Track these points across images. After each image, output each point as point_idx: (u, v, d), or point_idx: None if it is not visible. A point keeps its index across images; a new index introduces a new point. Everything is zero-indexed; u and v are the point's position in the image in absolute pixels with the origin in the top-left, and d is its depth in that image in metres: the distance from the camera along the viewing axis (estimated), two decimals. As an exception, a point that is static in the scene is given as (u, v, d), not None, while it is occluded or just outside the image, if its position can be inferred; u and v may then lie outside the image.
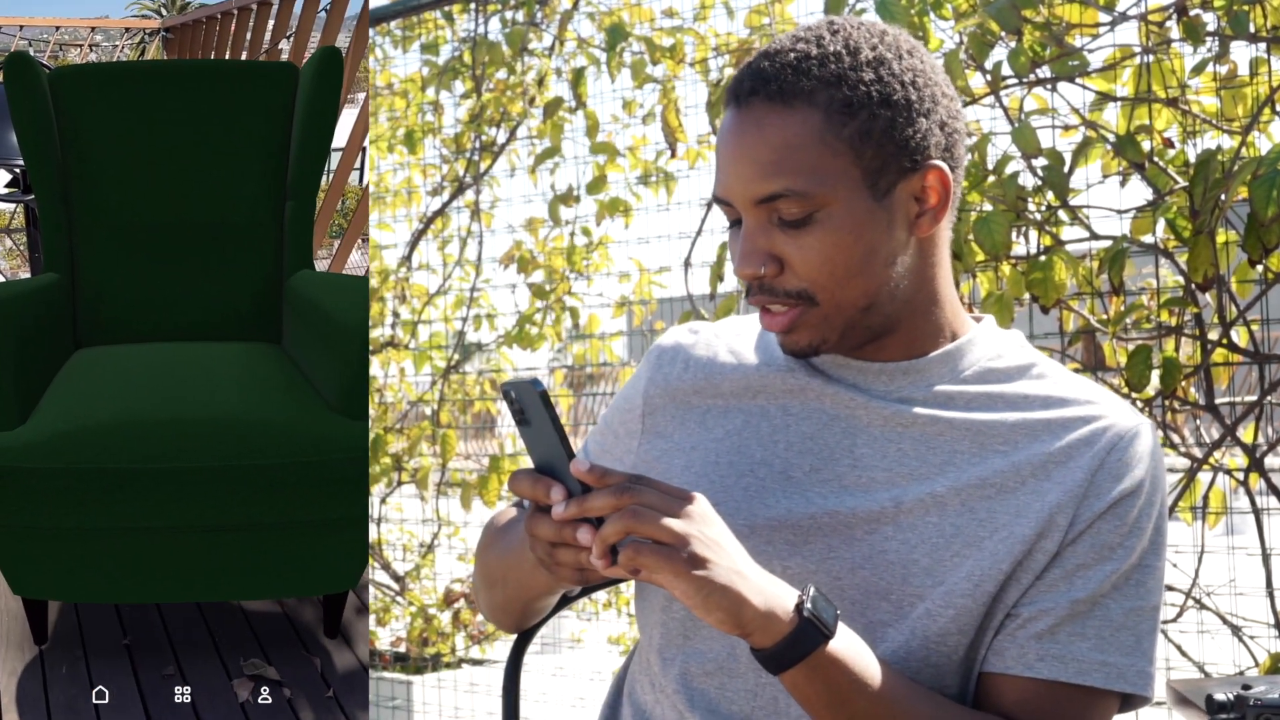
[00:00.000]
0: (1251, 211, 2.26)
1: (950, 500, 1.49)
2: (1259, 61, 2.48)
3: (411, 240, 4.14)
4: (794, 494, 1.54)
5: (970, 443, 1.51)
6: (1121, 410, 1.52)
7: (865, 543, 1.50)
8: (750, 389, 1.61)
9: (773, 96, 1.46)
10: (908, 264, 1.49)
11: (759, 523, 1.53)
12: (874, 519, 1.50)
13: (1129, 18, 2.52)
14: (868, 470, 1.52)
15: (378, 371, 4.25)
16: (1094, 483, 1.48)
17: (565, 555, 1.38)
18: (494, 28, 3.81)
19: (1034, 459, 1.49)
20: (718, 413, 1.63)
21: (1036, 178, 2.57)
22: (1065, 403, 1.52)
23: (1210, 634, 2.72)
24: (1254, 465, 2.52)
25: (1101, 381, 2.70)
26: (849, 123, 1.46)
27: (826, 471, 1.54)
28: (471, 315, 4.05)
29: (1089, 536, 1.47)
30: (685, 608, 1.52)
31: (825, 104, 1.46)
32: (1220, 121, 2.53)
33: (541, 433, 1.34)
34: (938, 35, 2.65)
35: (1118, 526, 1.48)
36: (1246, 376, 2.66)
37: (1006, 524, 1.47)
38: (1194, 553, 2.67)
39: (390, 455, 4.08)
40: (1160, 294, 2.63)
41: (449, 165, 4.03)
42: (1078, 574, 1.47)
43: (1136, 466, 1.49)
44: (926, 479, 1.50)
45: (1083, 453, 1.48)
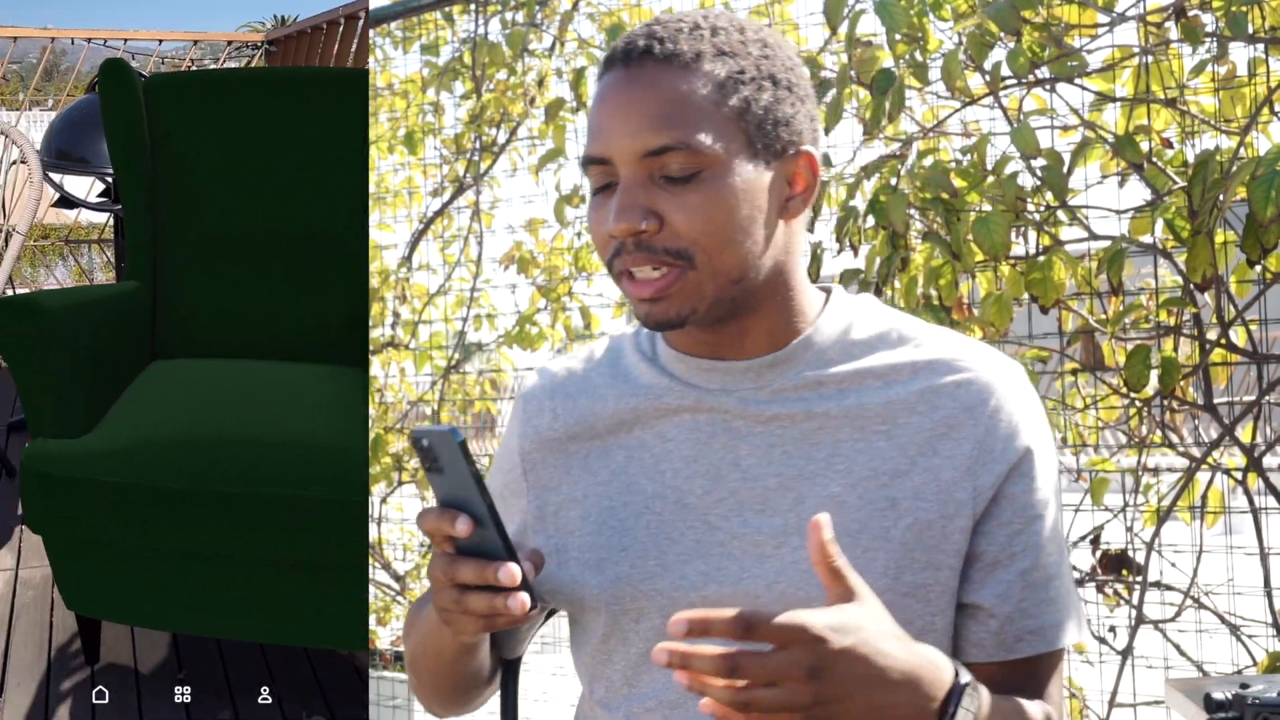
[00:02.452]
0: (1250, 212, 2.27)
1: (848, 497, 1.47)
2: (1257, 62, 2.48)
3: (412, 240, 4.14)
4: (694, 522, 1.52)
5: (850, 430, 1.49)
6: (988, 362, 1.51)
7: (776, 557, 1.48)
8: (624, 423, 1.58)
9: (668, 56, 1.45)
10: (776, 244, 1.48)
11: (670, 559, 1.52)
12: (780, 533, 1.48)
13: (1128, 19, 2.53)
14: (759, 480, 1.50)
15: (378, 371, 4.25)
16: (984, 449, 1.47)
17: (477, 602, 1.34)
18: (494, 28, 3.82)
19: (917, 436, 1.48)
20: (598, 454, 1.59)
21: (1035, 178, 2.57)
22: (933, 367, 1.50)
23: (1208, 633, 2.72)
24: (1252, 465, 2.52)
25: (1100, 382, 2.71)
26: (739, 90, 1.46)
27: (720, 490, 1.51)
28: (472, 315, 4.05)
29: (1005, 503, 1.48)
30: (628, 660, 1.54)
31: (717, 69, 1.46)
32: (1219, 122, 2.54)
33: (455, 483, 1.31)
34: (937, 36, 2.66)
35: (1028, 485, 1.48)
36: (1245, 376, 2.67)
37: (909, 509, 1.46)
38: (1192, 552, 2.67)
39: (391, 455, 4.09)
40: (1159, 294, 2.64)
41: (449, 166, 4.03)
42: (1015, 543, 1.48)
43: (1021, 419, 1.49)
44: (819, 478, 1.48)
45: (963, 421, 1.48)
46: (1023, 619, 1.48)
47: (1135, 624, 2.65)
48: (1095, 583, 2.75)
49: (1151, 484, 2.73)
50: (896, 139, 2.81)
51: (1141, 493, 2.71)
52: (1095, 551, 2.76)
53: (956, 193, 2.60)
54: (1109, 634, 2.77)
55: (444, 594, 1.36)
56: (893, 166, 2.69)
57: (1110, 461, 2.74)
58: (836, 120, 2.68)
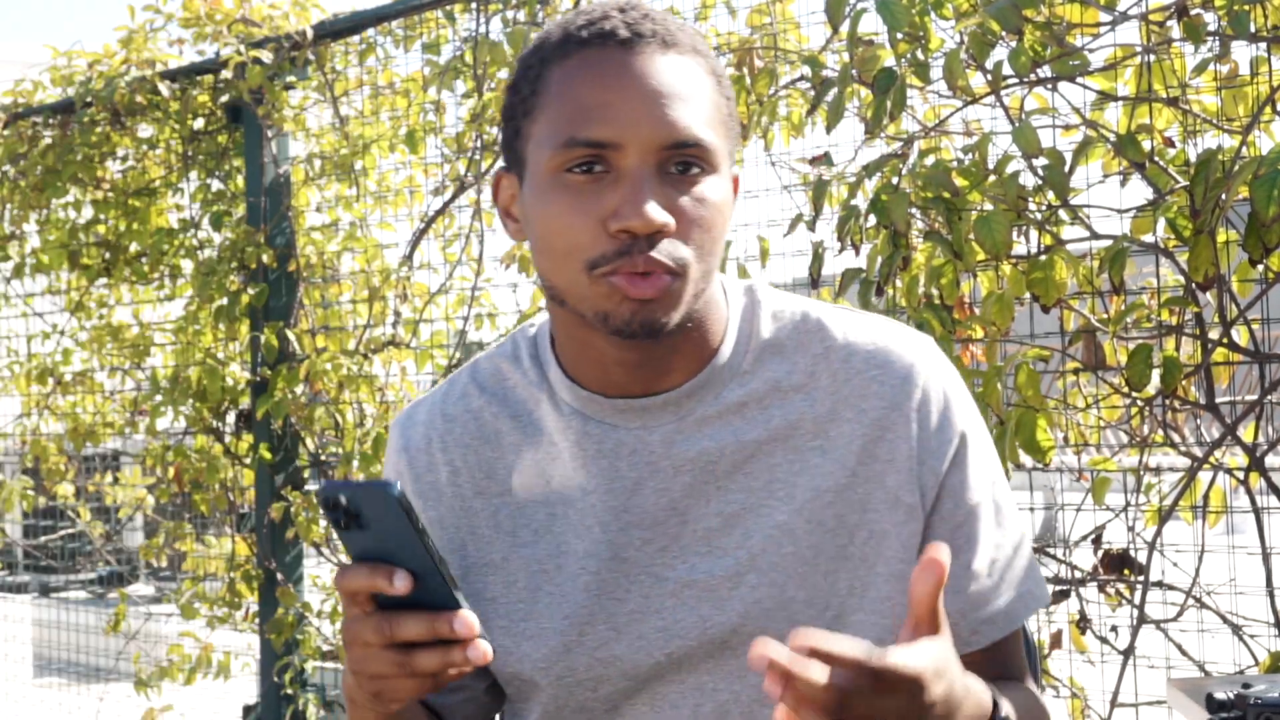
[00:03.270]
0: (1252, 211, 2.27)
1: (795, 524, 1.40)
2: (1260, 61, 2.48)
3: (413, 239, 4.14)
4: (639, 576, 1.42)
5: (784, 453, 1.42)
6: (900, 344, 1.45)
7: (735, 599, 1.40)
8: (540, 476, 1.45)
9: (667, 45, 1.36)
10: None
11: (620, 621, 1.42)
12: (733, 573, 1.40)
13: (1130, 17, 2.53)
14: (699, 522, 1.41)
15: (379, 370, 4.25)
16: (921, 445, 1.42)
17: (428, 660, 1.19)
18: (495, 27, 3.81)
19: (852, 446, 1.41)
20: (511, 512, 1.46)
21: (1037, 177, 2.57)
22: (850, 366, 1.43)
23: (1210, 633, 2.72)
24: (1254, 464, 2.52)
25: (1102, 381, 2.71)
26: (720, 91, 1.39)
27: (659, 539, 1.42)
28: (473, 314, 4.05)
29: (947, 498, 1.42)
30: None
31: (706, 68, 1.39)
32: (1221, 121, 2.53)
33: (385, 537, 1.16)
34: (938, 35, 2.65)
35: (963, 475, 1.43)
36: (1247, 376, 2.66)
37: (859, 522, 1.41)
38: (1194, 552, 2.67)
39: (392, 454, 4.08)
40: (1161, 293, 2.63)
41: (451, 165, 4.03)
42: (957, 536, 1.42)
43: (947, 404, 1.44)
44: (762, 509, 1.41)
45: (894, 419, 1.41)
46: (973, 611, 1.44)
47: (1137, 624, 2.64)
48: (1097, 582, 2.75)
49: (1153, 483, 2.73)
50: (898, 138, 2.81)
51: (1143, 492, 2.71)
52: (1097, 551, 2.76)
53: (958, 192, 2.60)
54: (1111, 634, 2.77)
55: (377, 658, 1.20)
56: (894, 165, 2.69)
57: (1112, 461, 2.74)
58: (838, 119, 2.68)
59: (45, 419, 5.27)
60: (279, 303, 4.34)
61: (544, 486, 1.45)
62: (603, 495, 1.43)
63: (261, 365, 4.31)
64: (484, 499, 1.47)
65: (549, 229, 1.36)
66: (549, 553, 1.44)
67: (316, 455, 4.37)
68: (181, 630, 4.75)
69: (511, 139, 1.43)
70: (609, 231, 1.33)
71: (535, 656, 1.43)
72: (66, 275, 5.10)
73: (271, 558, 4.33)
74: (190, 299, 4.62)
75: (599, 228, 1.33)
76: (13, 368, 5.30)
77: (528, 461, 1.46)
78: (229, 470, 4.56)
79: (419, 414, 1.53)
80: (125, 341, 4.95)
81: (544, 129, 1.37)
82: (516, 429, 1.47)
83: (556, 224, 1.35)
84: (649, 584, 1.42)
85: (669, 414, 1.42)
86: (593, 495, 1.43)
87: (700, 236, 1.34)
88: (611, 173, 1.34)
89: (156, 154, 4.77)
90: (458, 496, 1.48)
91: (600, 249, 1.33)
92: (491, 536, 1.46)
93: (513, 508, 1.46)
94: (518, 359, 1.50)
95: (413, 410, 1.54)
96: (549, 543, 1.44)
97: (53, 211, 4.98)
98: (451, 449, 1.49)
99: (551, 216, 1.35)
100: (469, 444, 1.48)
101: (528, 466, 1.46)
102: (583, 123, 1.33)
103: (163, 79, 4.50)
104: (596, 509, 1.43)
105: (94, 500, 5.72)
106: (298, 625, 4.31)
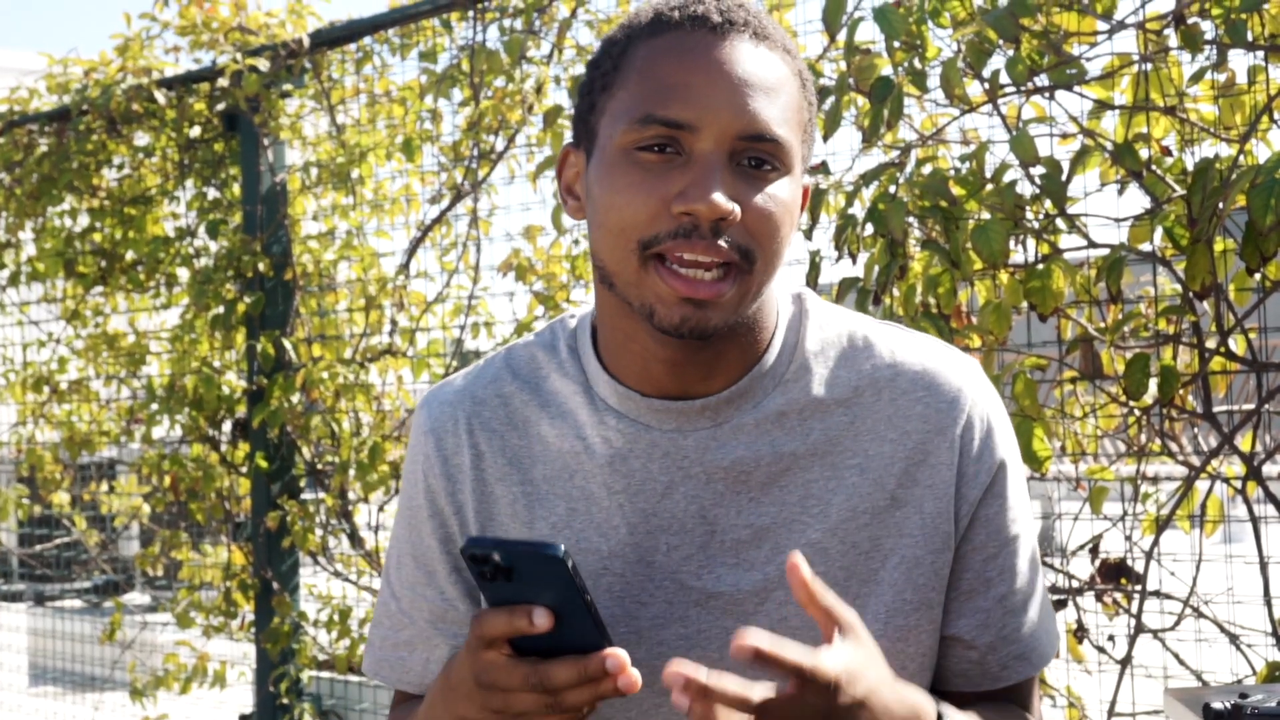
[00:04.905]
0: (1249, 220, 2.26)
1: (830, 543, 1.37)
2: (1257, 69, 2.48)
3: (410, 247, 4.14)
4: (664, 582, 1.39)
5: (821, 468, 1.38)
6: (949, 367, 1.42)
7: (761, 615, 1.37)
8: (566, 470, 1.41)
9: (759, 37, 1.33)
10: None
11: (643, 625, 1.39)
12: (760, 588, 1.38)
13: (1127, 26, 2.53)
14: (728, 532, 1.38)
15: (375, 379, 4.25)
16: (961, 474, 1.39)
17: (579, 695, 1.19)
18: (492, 35, 3.82)
19: (892, 468, 1.38)
20: (530, 502, 1.42)
21: (1034, 186, 2.57)
22: (895, 386, 1.40)
23: (1208, 642, 2.72)
24: (1251, 474, 2.52)
25: (1100, 390, 2.70)
26: (804, 95, 1.37)
27: (686, 546, 1.38)
28: (470, 323, 4.05)
29: (981, 528, 1.40)
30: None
31: (794, 69, 1.36)
32: (1218, 129, 2.53)
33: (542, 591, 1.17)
34: (935, 43, 2.65)
35: (1001, 505, 1.41)
36: (1244, 385, 2.66)
37: (893, 547, 1.38)
38: (1192, 561, 2.67)
39: (388, 463, 4.08)
40: (1158, 302, 2.63)
41: (447, 173, 4.03)
42: (990, 568, 1.41)
43: (990, 432, 1.41)
44: (795, 525, 1.37)
45: (938, 444, 1.38)
46: (1005, 646, 1.42)
47: (1134, 633, 2.64)
48: (1094, 591, 2.75)
49: (1150, 493, 2.73)
50: (895, 146, 2.81)
51: (1140, 501, 2.71)
52: (1094, 560, 2.76)
53: (955, 200, 2.60)
54: (1108, 643, 2.77)
55: (522, 700, 1.20)
56: (891, 174, 2.69)
57: (1109, 470, 2.74)
58: (835, 128, 2.68)
59: (41, 427, 5.26)
60: (275, 311, 4.34)
61: (567, 481, 1.42)
62: (631, 496, 1.39)
63: (258, 374, 4.30)
64: (504, 485, 1.43)
65: (610, 204, 1.32)
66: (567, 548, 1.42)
67: (313, 464, 4.36)
68: (177, 639, 4.75)
69: (585, 113, 1.39)
70: (671, 212, 1.29)
71: None
72: (62, 283, 5.10)
73: (267, 567, 4.33)
74: (186, 307, 4.61)
75: (661, 207, 1.29)
76: (8, 376, 5.30)
77: (554, 453, 1.42)
78: (225, 479, 4.56)
79: (446, 393, 1.49)
80: (121, 350, 4.95)
81: (621, 104, 1.33)
82: (545, 418, 1.43)
83: (619, 199, 1.31)
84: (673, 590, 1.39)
85: (706, 419, 1.39)
86: (620, 495, 1.40)
87: (765, 233, 1.30)
88: (683, 155, 1.30)
89: (152, 162, 4.77)
90: (479, 480, 1.44)
91: (659, 228, 1.29)
92: (508, 525, 1.43)
93: (532, 499, 1.43)
94: (554, 349, 1.47)
95: (440, 389, 1.50)
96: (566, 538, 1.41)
97: (48, 219, 4.98)
98: (477, 432, 1.45)
99: (615, 192, 1.31)
100: (495, 429, 1.45)
101: (553, 458, 1.42)
102: (661, 101, 1.30)
103: (159, 87, 4.50)
104: (624, 509, 1.39)
105: (89, 509, 5.71)
106: (293, 634, 4.31)
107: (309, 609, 4.43)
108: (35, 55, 5.15)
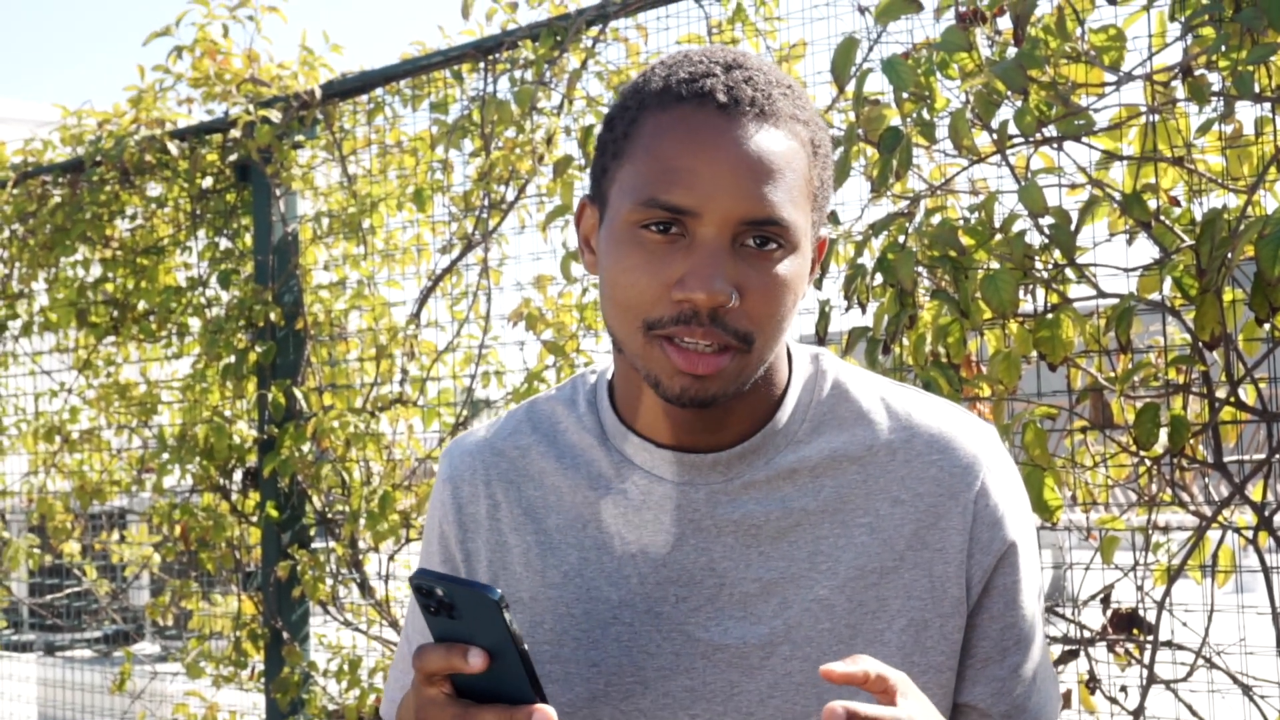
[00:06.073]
0: (1258, 270, 2.27)
1: (836, 600, 1.38)
2: (1264, 121, 2.49)
3: (420, 297, 4.15)
4: (671, 633, 1.40)
5: (831, 524, 1.39)
6: (962, 431, 1.42)
7: (766, 669, 1.38)
8: (579, 520, 1.44)
9: (764, 116, 1.33)
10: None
11: (649, 675, 1.39)
12: (766, 642, 1.38)
13: (1134, 78, 2.54)
14: (737, 585, 1.39)
15: (386, 428, 4.25)
16: (974, 539, 1.39)
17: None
18: (503, 86, 3.83)
19: (903, 529, 1.38)
20: (542, 550, 1.45)
21: (1043, 236, 2.58)
22: (910, 448, 1.40)
23: (1220, 693, 2.70)
24: (1263, 524, 2.51)
25: (1110, 440, 2.70)
26: (814, 164, 1.36)
27: (695, 598, 1.40)
28: (480, 372, 4.05)
29: (997, 597, 1.40)
30: None
31: (804, 136, 1.36)
32: (1226, 180, 2.54)
33: (472, 630, 1.19)
34: (944, 94, 2.67)
35: (1015, 575, 1.41)
36: (1255, 434, 2.66)
37: (901, 609, 1.38)
38: (1203, 611, 2.66)
39: (399, 512, 4.08)
40: (1168, 352, 2.63)
41: (458, 223, 4.05)
42: (1006, 637, 1.41)
43: (1005, 501, 1.41)
44: (802, 581, 1.38)
45: (950, 508, 1.39)
46: (1018, 715, 1.42)
47: (1146, 684, 2.63)
48: (1106, 642, 2.74)
49: (1162, 542, 2.72)
50: (904, 197, 2.82)
51: (1152, 551, 2.70)
52: (1106, 610, 2.75)
53: (964, 250, 2.61)
54: (1120, 694, 2.75)
55: None
56: (901, 224, 2.69)
57: (1120, 520, 2.73)
58: (844, 178, 2.69)
59: (52, 477, 5.27)
60: (286, 360, 4.35)
61: (580, 530, 1.44)
62: (643, 546, 1.41)
63: (269, 423, 4.31)
64: (519, 535, 1.46)
65: (616, 281, 1.34)
66: (576, 597, 1.43)
67: (323, 513, 4.36)
68: (187, 689, 4.74)
69: (599, 175, 1.41)
70: (672, 298, 1.31)
71: (561, 700, 1.42)
72: (74, 333, 5.12)
73: (278, 616, 4.32)
74: (198, 357, 4.62)
75: (663, 291, 1.31)
76: (20, 426, 5.31)
77: (568, 504, 1.45)
78: (235, 528, 4.56)
79: (468, 444, 1.52)
80: (133, 399, 4.96)
81: (628, 178, 1.35)
82: (561, 470, 1.46)
83: (624, 278, 1.33)
84: (680, 642, 1.39)
85: (717, 474, 1.40)
86: (632, 545, 1.41)
87: (766, 313, 1.32)
88: (687, 237, 1.31)
89: (165, 212, 4.79)
90: (495, 530, 1.47)
91: (660, 312, 1.32)
92: (522, 574, 1.45)
93: (545, 548, 1.45)
94: (574, 403, 1.49)
95: (462, 440, 1.54)
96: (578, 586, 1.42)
97: (61, 270, 5.00)
98: (494, 483, 1.48)
99: (621, 270, 1.34)
100: (512, 480, 1.47)
101: (567, 509, 1.45)
102: (665, 185, 1.31)
103: (172, 138, 4.52)
104: (636, 560, 1.41)
105: (100, 558, 5.71)
106: (303, 684, 4.30)
107: (319, 659, 4.42)
108: (50, 107, 5.18)
